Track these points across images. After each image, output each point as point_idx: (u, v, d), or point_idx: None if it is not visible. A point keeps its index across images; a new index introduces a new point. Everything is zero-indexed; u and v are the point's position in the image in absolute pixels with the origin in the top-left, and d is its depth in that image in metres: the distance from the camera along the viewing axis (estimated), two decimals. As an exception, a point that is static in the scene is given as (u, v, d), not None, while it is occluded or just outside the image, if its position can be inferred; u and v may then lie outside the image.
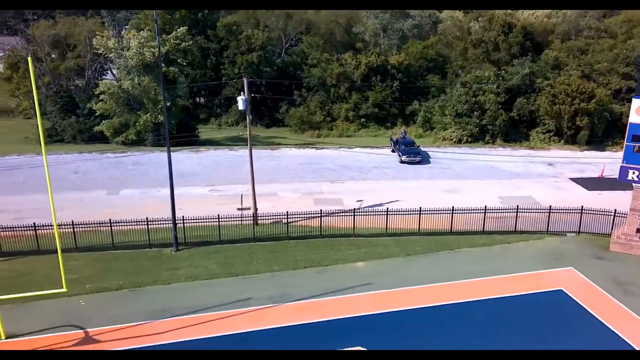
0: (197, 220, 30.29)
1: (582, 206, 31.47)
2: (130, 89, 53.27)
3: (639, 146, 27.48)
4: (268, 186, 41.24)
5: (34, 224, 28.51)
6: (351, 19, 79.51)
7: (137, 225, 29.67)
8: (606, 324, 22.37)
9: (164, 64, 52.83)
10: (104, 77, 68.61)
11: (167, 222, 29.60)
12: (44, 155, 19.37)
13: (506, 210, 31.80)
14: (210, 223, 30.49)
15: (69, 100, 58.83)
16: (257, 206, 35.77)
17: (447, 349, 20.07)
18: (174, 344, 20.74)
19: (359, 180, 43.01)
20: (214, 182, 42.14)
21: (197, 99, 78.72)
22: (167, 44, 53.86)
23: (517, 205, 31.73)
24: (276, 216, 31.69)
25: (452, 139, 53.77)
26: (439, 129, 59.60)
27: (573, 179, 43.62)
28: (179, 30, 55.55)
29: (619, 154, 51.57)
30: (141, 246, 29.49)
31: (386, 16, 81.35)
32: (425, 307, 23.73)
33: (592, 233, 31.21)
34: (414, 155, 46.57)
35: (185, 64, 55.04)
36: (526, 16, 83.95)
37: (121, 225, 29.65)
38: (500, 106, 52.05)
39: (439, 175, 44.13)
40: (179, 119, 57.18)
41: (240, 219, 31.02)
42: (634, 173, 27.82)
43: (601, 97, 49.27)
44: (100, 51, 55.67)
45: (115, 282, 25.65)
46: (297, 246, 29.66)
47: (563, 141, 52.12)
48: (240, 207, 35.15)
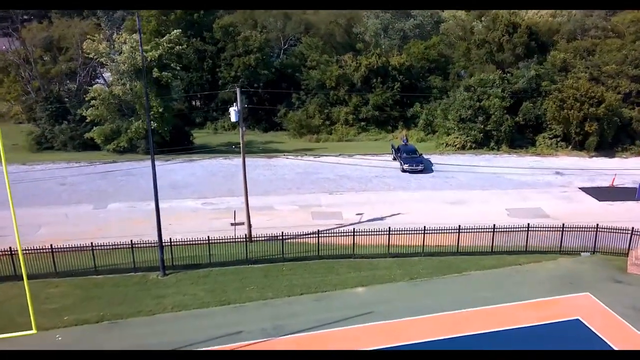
0: (186, 242, 28.36)
1: (597, 224, 29.53)
2: (122, 94, 51.33)
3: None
4: (263, 199, 39.38)
5: (10, 248, 26.60)
6: (351, 19, 77.49)
7: (120, 248, 27.72)
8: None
9: (156, 69, 51.09)
10: (96, 81, 66.77)
11: (152, 244, 27.67)
12: (4, 166, 16.44)
13: (516, 229, 29.84)
14: (200, 244, 28.50)
15: (59, 106, 56.87)
16: (252, 221, 33.94)
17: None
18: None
19: (359, 191, 41.08)
20: (207, 195, 40.23)
21: (193, 102, 76.75)
22: (160, 47, 51.83)
23: (528, 224, 29.79)
24: (270, 238, 29.63)
25: (455, 145, 51.80)
26: (441, 132, 57.63)
27: (583, 189, 41.68)
28: (172, 33, 53.52)
29: (629, 160, 49.89)
30: (126, 270, 27.59)
31: (387, 16, 79.36)
32: (431, 340, 21.84)
33: (608, 252, 29.28)
34: (416, 164, 44.62)
35: (179, 68, 52.98)
36: (530, 15, 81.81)
37: (104, 249, 27.69)
38: (505, 111, 50.05)
39: (443, 186, 42.20)
40: (172, 125, 55.19)
41: (232, 240, 29.00)
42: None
43: (611, 101, 47.28)
44: (91, 55, 53.67)
45: (95, 313, 23.77)
46: (293, 269, 27.77)
47: (571, 147, 50.15)
48: (234, 223, 33.25)
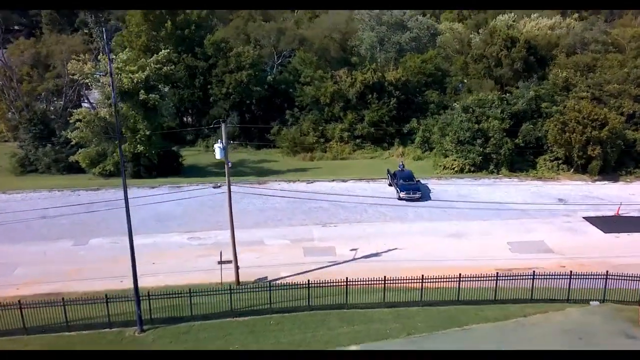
0: (165, 296, 26.41)
1: (606, 271, 27.67)
2: (108, 117, 49.38)
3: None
4: (253, 232, 37.50)
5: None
6: (346, 34, 75.70)
7: (94, 302, 25.73)
8: None
9: (143, 91, 49.20)
10: (82, 100, 64.81)
11: (129, 299, 25.68)
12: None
13: (520, 277, 27.94)
14: (180, 297, 26.57)
15: (43, 127, 54.92)
16: (241, 257, 32.14)
17: None
18: None
19: (353, 223, 39.22)
20: (194, 227, 38.29)
21: (185, 119, 74.85)
22: (148, 68, 49.93)
23: (533, 271, 27.89)
24: (257, 289, 27.61)
25: (453, 168, 50.01)
26: (439, 153, 55.83)
27: (587, 219, 39.90)
28: (160, 53, 51.62)
29: (634, 185, 48.14)
30: (101, 325, 25.61)
31: (383, 29, 77.71)
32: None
33: (619, 301, 27.43)
34: (413, 191, 42.76)
35: (166, 90, 51.07)
36: (529, 28, 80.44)
37: (76, 304, 25.64)
38: (504, 134, 48.29)
39: (441, 216, 40.34)
40: (161, 147, 53.25)
41: (215, 291, 26.98)
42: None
43: (614, 124, 45.57)
44: (76, 76, 51.77)
45: (64, 381, 21.85)
46: (282, 323, 25.80)
47: (573, 170, 48.41)
48: (220, 261, 31.31)
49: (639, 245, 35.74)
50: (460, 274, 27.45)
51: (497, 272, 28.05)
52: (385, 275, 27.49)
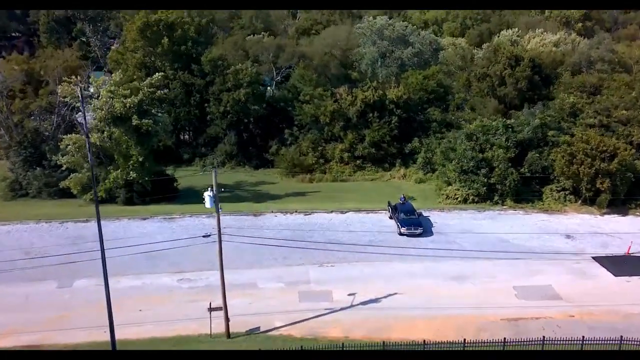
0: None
1: (621, 336, 25.94)
2: (99, 142, 47.79)
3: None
4: (246, 273, 35.91)
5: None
6: (347, 50, 74.12)
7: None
8: None
9: (135, 116, 47.60)
10: (75, 119, 63.10)
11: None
12: None
13: (530, 342, 26.14)
14: None
15: (34, 150, 53.35)
16: (233, 302, 30.68)
17: None
18: None
19: (351, 262, 37.58)
20: (185, 267, 36.68)
21: (181, 136, 73.30)
22: (141, 92, 48.35)
23: (543, 337, 26.15)
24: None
25: (456, 198, 48.32)
26: (441, 178, 54.13)
27: (596, 259, 38.27)
28: (154, 76, 50.00)
29: (645, 219, 46.39)
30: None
31: (384, 43, 76.20)
32: None
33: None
34: (414, 227, 41.05)
35: (160, 115, 49.46)
36: (533, 45, 78.91)
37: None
38: (510, 164, 46.59)
39: (444, 254, 38.66)
40: (154, 172, 51.63)
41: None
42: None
43: (624, 156, 43.87)
44: (67, 99, 50.22)
45: None
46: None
47: (580, 201, 46.69)
48: (210, 308, 29.78)
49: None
50: (464, 339, 25.71)
51: (504, 338, 26.21)
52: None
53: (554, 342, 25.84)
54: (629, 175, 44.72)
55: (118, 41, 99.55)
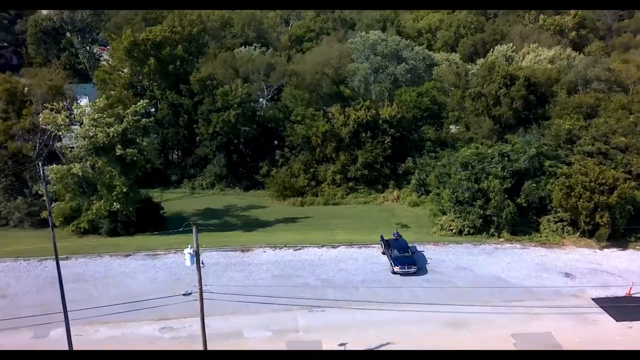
0: None
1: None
2: (81, 172, 46.00)
3: None
4: (232, 320, 34.32)
5: None
6: (339, 68, 72.62)
7: None
8: None
9: (119, 146, 45.90)
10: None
11: None
12: None
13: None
14: None
15: (15, 179, 51.57)
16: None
17: None
18: None
19: (342, 307, 35.88)
20: (168, 313, 34.86)
21: (170, 156, 71.55)
22: (125, 121, 46.65)
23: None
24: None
25: (451, 229, 46.87)
26: (435, 199, 52.82)
27: (597, 301, 36.87)
28: (139, 104, 48.28)
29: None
30: None
31: (377, 59, 74.74)
32: None
33: None
34: (408, 265, 39.46)
35: (145, 143, 47.77)
36: (528, 61, 77.74)
37: None
38: (506, 195, 45.17)
39: (439, 296, 37.10)
40: (139, 201, 49.88)
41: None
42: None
43: (624, 189, 42.53)
44: (49, 127, 48.45)
45: None
46: None
47: (579, 233, 45.32)
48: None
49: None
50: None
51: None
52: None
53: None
54: (628, 208, 43.39)
55: (107, 52, 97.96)
